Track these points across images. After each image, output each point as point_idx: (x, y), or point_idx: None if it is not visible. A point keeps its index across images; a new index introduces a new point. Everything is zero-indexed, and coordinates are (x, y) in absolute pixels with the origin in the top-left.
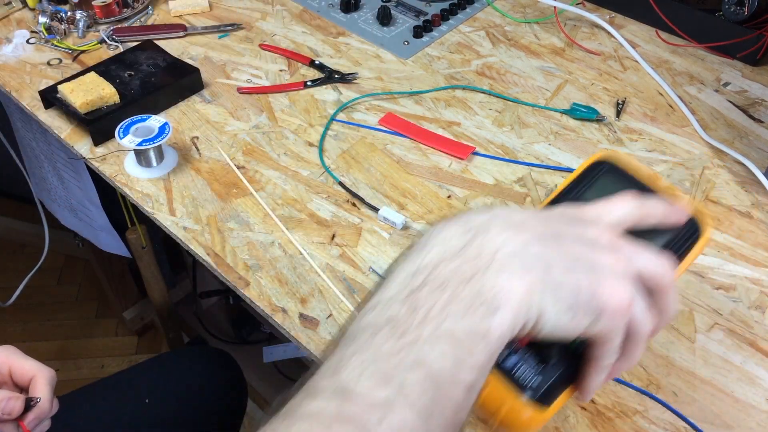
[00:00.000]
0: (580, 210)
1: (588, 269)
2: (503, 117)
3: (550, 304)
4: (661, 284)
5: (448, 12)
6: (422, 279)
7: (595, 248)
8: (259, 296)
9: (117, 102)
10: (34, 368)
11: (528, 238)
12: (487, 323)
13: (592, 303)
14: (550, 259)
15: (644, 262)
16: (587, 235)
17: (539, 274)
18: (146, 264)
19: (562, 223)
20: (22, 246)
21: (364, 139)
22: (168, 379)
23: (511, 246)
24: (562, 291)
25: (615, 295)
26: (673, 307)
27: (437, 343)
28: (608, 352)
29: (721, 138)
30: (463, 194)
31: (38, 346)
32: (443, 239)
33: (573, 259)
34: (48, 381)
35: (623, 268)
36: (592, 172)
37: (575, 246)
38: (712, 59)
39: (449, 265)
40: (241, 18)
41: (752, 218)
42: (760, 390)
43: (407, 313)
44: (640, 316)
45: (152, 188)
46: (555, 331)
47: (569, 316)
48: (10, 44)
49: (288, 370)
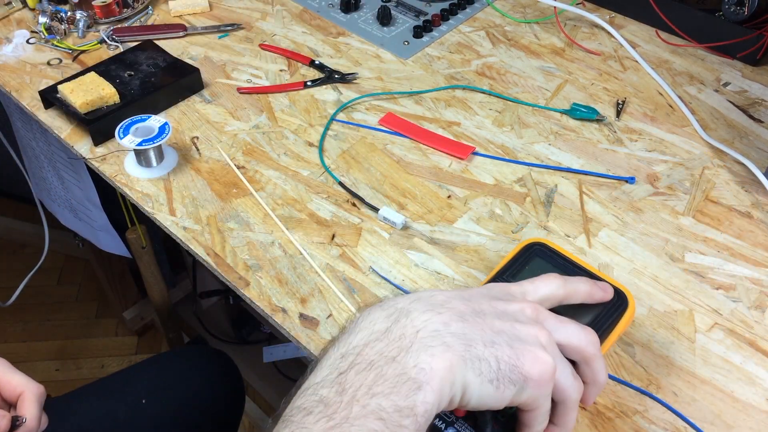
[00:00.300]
0: (506, 287)
1: (509, 342)
2: (503, 117)
3: (473, 377)
4: (585, 355)
5: (448, 12)
6: (350, 361)
7: (516, 322)
8: (259, 296)
9: (117, 102)
10: (22, 384)
11: (448, 318)
12: (413, 400)
13: (514, 373)
14: (470, 335)
15: (566, 335)
16: (509, 310)
17: (460, 351)
18: (146, 264)
19: (485, 301)
20: (22, 246)
21: (364, 139)
22: (165, 378)
23: (432, 326)
24: (484, 364)
25: (537, 364)
26: (602, 375)
27: (366, 421)
28: (538, 419)
29: (721, 138)
30: (463, 194)
31: (38, 346)
32: (369, 323)
33: (494, 333)
34: (36, 398)
35: (546, 339)
36: (525, 254)
37: (496, 321)
38: (712, 59)
39: (375, 346)
40: (241, 18)
41: (752, 218)
42: (760, 390)
43: (336, 394)
44: (566, 383)
45: (152, 188)
46: (481, 402)
47: (493, 388)
48: (10, 44)
49: (288, 370)
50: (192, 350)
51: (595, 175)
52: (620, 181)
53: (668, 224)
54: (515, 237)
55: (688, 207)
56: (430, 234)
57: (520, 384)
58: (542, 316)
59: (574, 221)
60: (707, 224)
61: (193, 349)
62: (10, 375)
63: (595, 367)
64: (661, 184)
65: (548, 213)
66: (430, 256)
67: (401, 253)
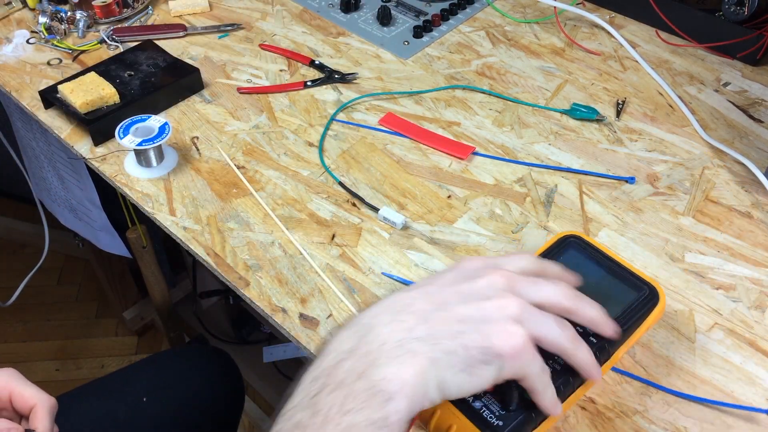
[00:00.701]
0: (480, 261)
1: (476, 326)
2: (503, 117)
3: (447, 371)
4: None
5: (448, 12)
6: (321, 383)
7: (483, 300)
8: (259, 296)
9: (117, 102)
10: (35, 396)
11: (412, 323)
12: (385, 411)
13: (486, 354)
14: (435, 333)
15: (539, 295)
16: (476, 288)
17: (427, 353)
18: (146, 264)
19: (450, 288)
20: (22, 246)
21: (364, 139)
22: (165, 378)
23: (395, 335)
24: (453, 357)
25: (506, 339)
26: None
27: None
28: (535, 383)
29: (721, 138)
30: (463, 194)
31: (38, 346)
32: (337, 343)
33: (459, 322)
34: (48, 411)
35: (515, 308)
36: (559, 245)
37: (461, 308)
38: (712, 59)
39: (343, 366)
40: (241, 18)
41: (752, 218)
42: (760, 390)
43: (310, 416)
44: (551, 335)
45: (152, 188)
46: (462, 391)
47: (467, 375)
48: (10, 44)
49: (288, 370)
50: (192, 349)
51: (595, 175)
52: (620, 181)
53: (668, 224)
54: (515, 237)
55: (688, 207)
56: (430, 234)
57: (496, 363)
58: (514, 283)
59: (574, 221)
60: (707, 224)
61: (192, 348)
62: (22, 387)
63: (581, 315)
64: (661, 184)
65: (548, 213)
66: (430, 256)
67: (401, 253)
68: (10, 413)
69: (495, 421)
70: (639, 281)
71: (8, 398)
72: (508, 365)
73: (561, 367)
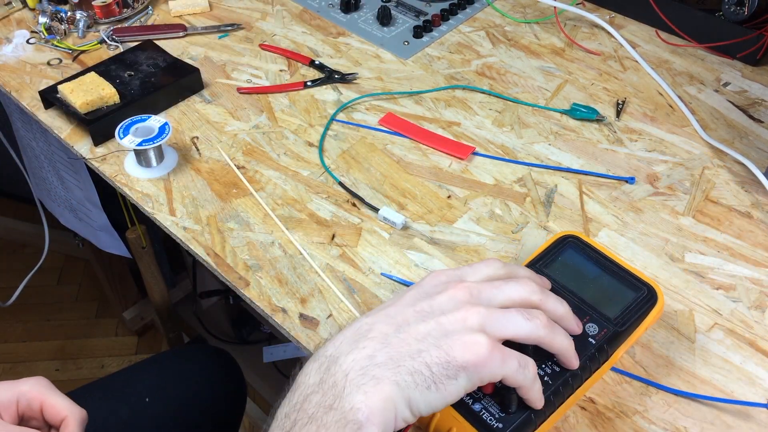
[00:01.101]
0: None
1: (436, 342)
2: (503, 117)
3: (413, 392)
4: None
5: (448, 12)
6: (292, 419)
7: (441, 315)
8: (259, 296)
9: (117, 102)
10: (66, 408)
11: (372, 349)
12: None
13: (450, 369)
14: (397, 356)
15: (504, 297)
16: (436, 305)
17: (390, 378)
18: (146, 264)
19: (409, 308)
20: (22, 246)
21: (364, 139)
22: (167, 378)
23: (358, 364)
24: (417, 376)
25: (467, 350)
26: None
27: None
28: (517, 378)
29: (721, 138)
30: (463, 194)
31: (38, 346)
32: (304, 377)
33: (419, 341)
34: (79, 424)
35: (475, 317)
36: (558, 245)
37: (420, 326)
38: (712, 59)
39: (312, 400)
40: (241, 18)
41: (752, 218)
42: (760, 390)
43: None
44: (524, 330)
45: (152, 188)
46: (431, 407)
47: (434, 391)
48: (10, 44)
49: (288, 370)
50: (194, 350)
51: (595, 175)
52: (620, 181)
53: (668, 224)
54: (515, 237)
55: (688, 207)
56: (430, 234)
57: (462, 375)
58: (475, 292)
59: (574, 221)
60: (707, 224)
61: (194, 348)
62: (54, 398)
63: (548, 308)
64: (661, 184)
65: (548, 213)
66: (430, 256)
67: (401, 253)
68: (40, 423)
69: (495, 423)
70: (637, 281)
71: (39, 408)
72: (477, 374)
73: (561, 368)
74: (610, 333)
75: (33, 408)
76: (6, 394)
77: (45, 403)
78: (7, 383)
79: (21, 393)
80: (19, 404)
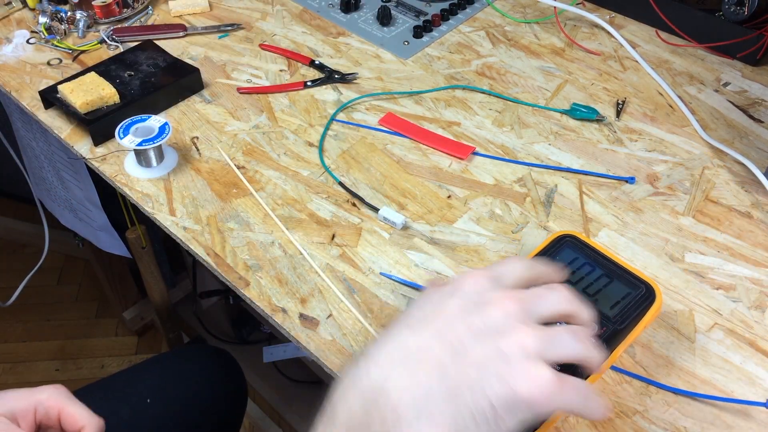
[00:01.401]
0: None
1: (497, 372)
2: (503, 117)
3: (474, 427)
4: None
5: (448, 12)
6: None
7: (498, 335)
8: (259, 296)
9: (117, 102)
10: (84, 418)
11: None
12: None
13: (515, 405)
14: (455, 387)
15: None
16: (490, 322)
17: (449, 413)
18: (146, 264)
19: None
20: (22, 246)
21: (364, 139)
22: (168, 378)
23: (410, 397)
24: (479, 415)
25: (533, 385)
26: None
27: None
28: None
29: (721, 138)
30: (463, 194)
31: (38, 346)
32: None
33: (479, 368)
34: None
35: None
36: (555, 245)
37: (477, 349)
38: (712, 59)
39: None
40: (241, 18)
41: (752, 218)
42: (760, 390)
43: None
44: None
45: (152, 188)
46: None
47: (495, 426)
48: (10, 44)
49: (288, 370)
50: (195, 350)
51: (595, 175)
52: (620, 181)
53: (668, 224)
54: (515, 237)
55: (688, 207)
56: (430, 234)
57: (525, 410)
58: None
59: (574, 221)
60: (707, 224)
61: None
62: (72, 407)
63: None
64: (661, 184)
65: (548, 213)
66: (430, 256)
67: (401, 253)
68: (57, 431)
69: None
70: (635, 279)
71: (57, 417)
72: (541, 409)
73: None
74: (609, 331)
75: (51, 417)
76: (24, 402)
77: (63, 412)
78: (25, 391)
79: (39, 401)
80: (37, 413)
